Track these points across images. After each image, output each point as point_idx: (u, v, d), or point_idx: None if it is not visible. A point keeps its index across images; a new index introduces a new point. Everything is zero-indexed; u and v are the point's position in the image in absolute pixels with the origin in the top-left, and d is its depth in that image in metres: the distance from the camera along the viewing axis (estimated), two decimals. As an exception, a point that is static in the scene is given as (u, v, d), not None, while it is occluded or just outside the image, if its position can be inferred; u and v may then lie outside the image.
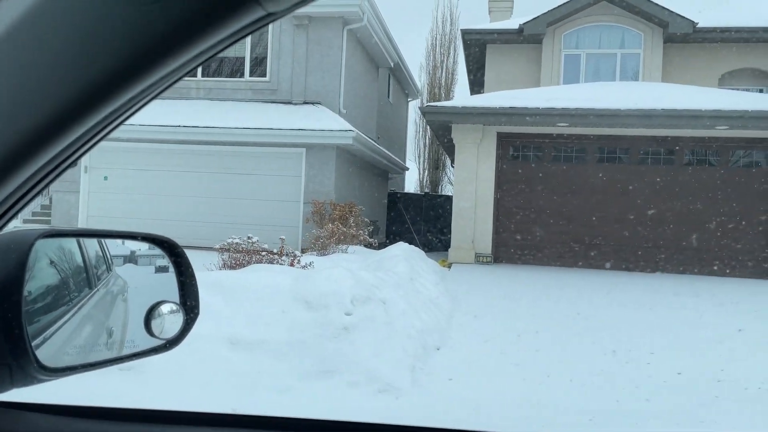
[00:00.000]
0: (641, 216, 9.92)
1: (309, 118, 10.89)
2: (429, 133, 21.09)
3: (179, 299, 0.85)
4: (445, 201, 15.74)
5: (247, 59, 11.82)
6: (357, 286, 4.59)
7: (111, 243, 0.93)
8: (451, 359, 4.51)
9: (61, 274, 0.78)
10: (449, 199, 13.82)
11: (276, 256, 6.82)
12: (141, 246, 0.91)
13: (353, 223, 9.68)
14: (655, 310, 6.59)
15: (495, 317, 6.00)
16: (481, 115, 9.62)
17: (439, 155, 21.92)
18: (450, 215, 10.54)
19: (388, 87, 16.97)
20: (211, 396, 3.37)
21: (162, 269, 0.87)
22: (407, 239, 11.73)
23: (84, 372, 0.72)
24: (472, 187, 10.02)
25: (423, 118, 14.86)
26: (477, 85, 14.87)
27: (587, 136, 10.05)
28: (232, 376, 3.65)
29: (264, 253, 6.90)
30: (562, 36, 12.19)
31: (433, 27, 22.17)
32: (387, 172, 15.95)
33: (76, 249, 0.83)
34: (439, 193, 20.52)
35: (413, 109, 21.41)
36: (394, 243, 8.91)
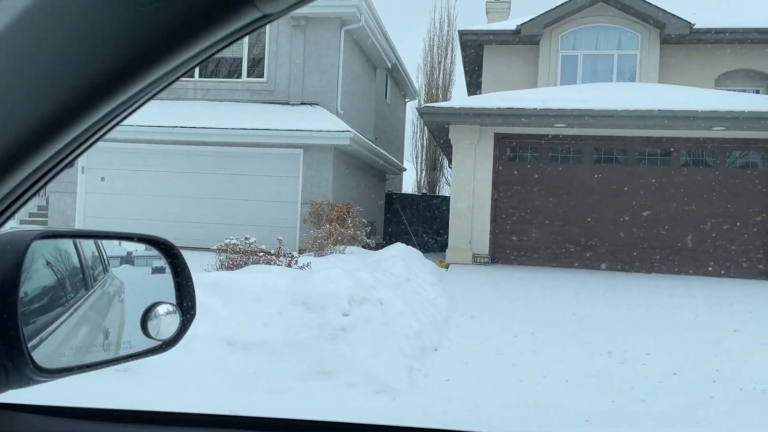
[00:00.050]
0: (637, 217, 9.95)
1: (306, 119, 10.89)
2: (426, 133, 21.11)
3: (176, 300, 0.85)
4: (442, 202, 15.76)
5: (245, 60, 11.81)
6: (354, 286, 4.59)
7: (108, 244, 0.93)
8: (449, 360, 4.51)
9: (58, 275, 0.78)
10: (447, 200, 13.84)
11: (273, 257, 6.82)
12: (138, 247, 0.91)
13: (351, 224, 9.68)
14: (651, 310, 6.61)
15: (492, 318, 6.01)
16: (479, 116, 9.63)
17: (436, 156, 21.94)
18: (447, 216, 10.56)
19: (386, 88, 16.98)
20: (209, 397, 3.36)
21: (159, 270, 0.87)
22: (404, 240, 11.73)
23: (80, 373, 0.71)
24: (469, 187, 10.04)
25: (420, 118, 14.88)
26: (474, 86, 14.89)
27: (584, 137, 10.08)
28: (229, 377, 3.65)
29: (261, 253, 6.89)
30: (559, 37, 12.23)
31: (431, 28, 22.18)
32: (384, 172, 15.96)
33: (73, 250, 0.83)
34: (436, 193, 20.54)
35: (411, 109, 21.43)
36: (391, 244, 8.92)
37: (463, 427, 3.09)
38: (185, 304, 0.85)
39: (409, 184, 23.17)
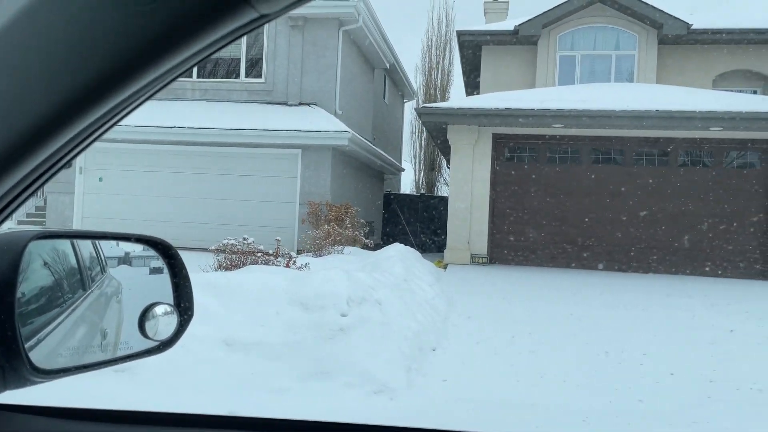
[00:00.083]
0: (634, 217, 9.97)
1: (305, 119, 10.89)
2: (425, 134, 21.12)
3: (173, 301, 0.85)
4: (440, 202, 15.76)
5: (243, 60, 11.80)
6: (353, 287, 4.59)
7: (105, 244, 0.93)
8: (447, 360, 4.52)
9: (55, 276, 0.78)
10: (445, 201, 13.84)
11: (272, 257, 6.81)
12: (135, 247, 0.91)
13: (349, 225, 9.68)
14: (648, 310, 6.62)
15: (490, 318, 6.01)
16: (477, 116, 9.64)
17: (434, 156, 21.95)
18: (445, 216, 10.56)
19: (384, 88, 16.98)
20: (207, 398, 3.36)
21: (156, 270, 0.87)
22: (403, 240, 11.73)
23: (78, 374, 0.71)
24: (467, 188, 10.05)
25: (419, 119, 14.88)
26: (472, 86, 14.91)
27: (581, 137, 10.10)
28: (227, 378, 3.64)
29: (260, 254, 6.88)
30: (557, 37, 12.24)
31: (429, 28, 22.23)
32: (383, 173, 15.96)
33: (70, 250, 0.83)
34: (434, 194, 20.54)
35: (409, 110, 21.44)
36: (389, 244, 8.92)
37: (463, 427, 3.09)
38: (183, 305, 0.85)
39: (407, 184, 23.17)
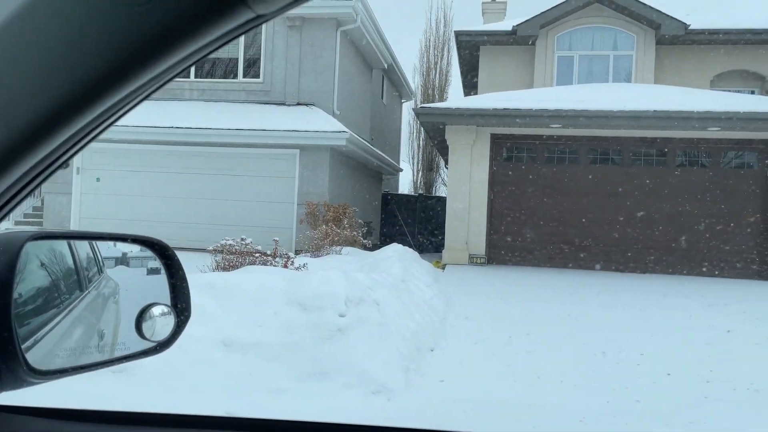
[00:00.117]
0: (631, 217, 9.99)
1: (302, 120, 10.88)
2: (423, 134, 21.12)
3: (171, 301, 0.84)
4: (438, 202, 15.77)
5: (241, 60, 11.79)
6: (351, 287, 4.59)
7: (102, 245, 0.92)
8: (445, 360, 4.52)
9: (52, 277, 0.78)
10: (443, 201, 13.85)
11: (270, 258, 6.81)
12: (132, 248, 0.91)
13: (347, 225, 9.68)
14: (645, 310, 6.63)
15: (488, 319, 6.02)
16: (475, 117, 9.65)
17: (432, 156, 21.96)
18: (444, 216, 10.56)
19: (382, 88, 16.98)
20: (205, 398, 3.35)
21: (154, 271, 0.87)
22: (401, 240, 11.73)
23: (75, 374, 0.71)
24: (465, 188, 10.05)
25: (417, 119, 14.88)
26: (470, 86, 14.91)
27: (579, 137, 10.11)
28: (225, 378, 3.64)
29: (257, 254, 6.88)
30: (555, 38, 12.26)
31: (427, 28, 22.19)
32: (381, 173, 15.96)
33: (67, 251, 0.83)
34: (432, 194, 20.55)
35: (407, 110, 21.45)
36: (387, 244, 8.92)
37: (461, 427, 3.09)
38: (180, 305, 0.85)
39: (405, 184, 23.18)
